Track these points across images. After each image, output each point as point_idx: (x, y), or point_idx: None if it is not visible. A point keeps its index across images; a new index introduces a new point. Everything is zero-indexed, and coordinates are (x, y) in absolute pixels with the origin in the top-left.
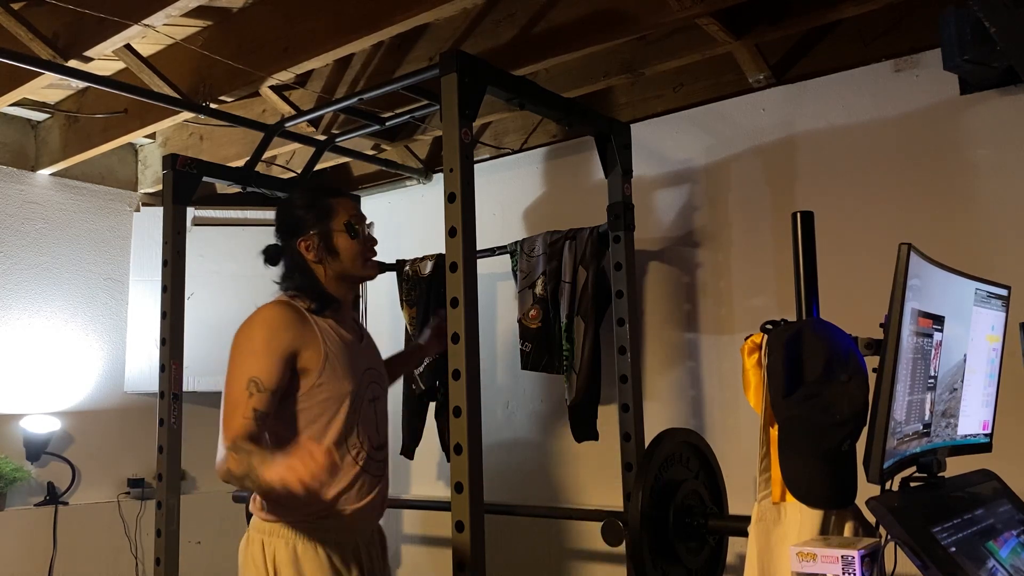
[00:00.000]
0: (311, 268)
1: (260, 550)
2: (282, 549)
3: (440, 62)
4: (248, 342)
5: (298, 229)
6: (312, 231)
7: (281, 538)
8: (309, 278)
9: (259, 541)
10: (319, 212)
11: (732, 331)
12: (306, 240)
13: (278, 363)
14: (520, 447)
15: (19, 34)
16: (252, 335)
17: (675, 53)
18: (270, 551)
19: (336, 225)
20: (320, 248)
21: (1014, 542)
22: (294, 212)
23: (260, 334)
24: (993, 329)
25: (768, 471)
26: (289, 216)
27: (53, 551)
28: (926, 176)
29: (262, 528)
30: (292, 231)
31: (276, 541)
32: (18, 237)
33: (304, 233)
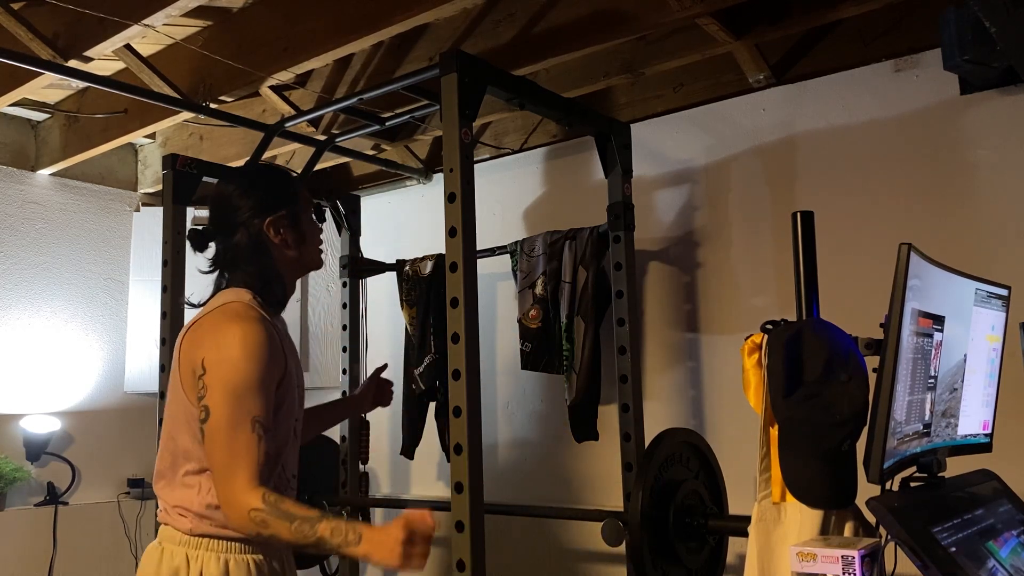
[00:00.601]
0: (274, 254)
1: (184, 563)
2: (212, 563)
3: (440, 62)
4: (239, 373)
5: (266, 208)
6: (283, 211)
7: (212, 551)
8: (271, 267)
9: (182, 554)
10: (289, 192)
11: (732, 331)
12: (276, 221)
13: (271, 397)
14: (520, 447)
15: (19, 34)
16: (243, 365)
17: (675, 53)
18: (196, 565)
19: (303, 206)
20: (289, 230)
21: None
22: (260, 190)
23: (253, 365)
24: (993, 329)
25: (768, 471)
26: (253, 194)
27: (53, 551)
28: (926, 176)
29: (186, 541)
30: (258, 210)
31: (205, 555)
32: (18, 237)
33: (273, 212)
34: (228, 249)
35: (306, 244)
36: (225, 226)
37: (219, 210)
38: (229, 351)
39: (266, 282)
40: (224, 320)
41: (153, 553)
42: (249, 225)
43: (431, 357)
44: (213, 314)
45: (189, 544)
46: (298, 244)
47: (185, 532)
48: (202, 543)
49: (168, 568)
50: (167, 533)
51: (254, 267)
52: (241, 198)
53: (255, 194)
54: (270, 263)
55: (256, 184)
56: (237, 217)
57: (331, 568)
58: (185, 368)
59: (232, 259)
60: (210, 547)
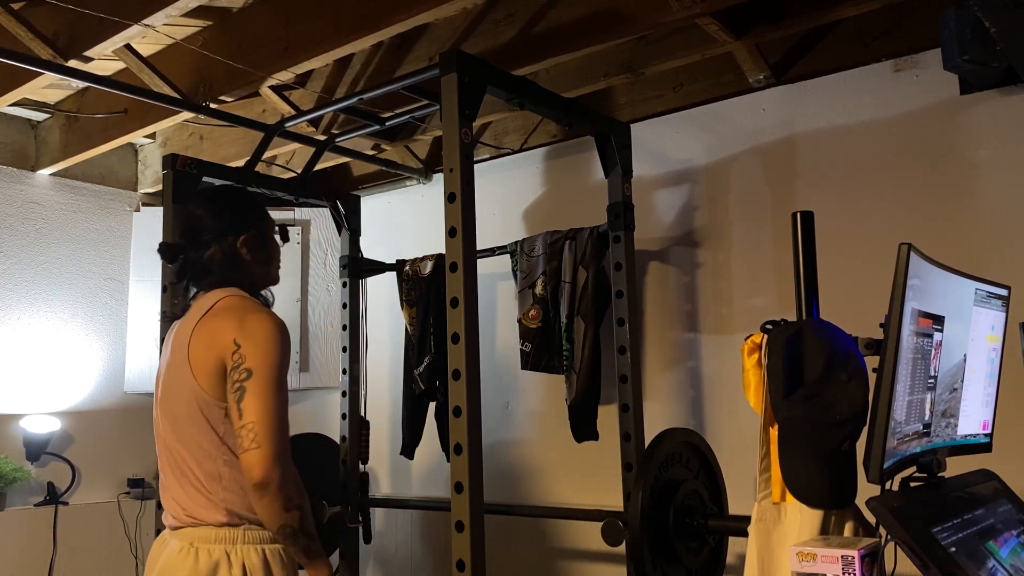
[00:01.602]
0: (246, 269)
1: (224, 557)
2: (252, 555)
3: (440, 62)
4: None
5: (241, 225)
6: (253, 229)
7: (250, 544)
8: (252, 279)
9: (220, 550)
10: (258, 212)
11: (732, 331)
12: (248, 239)
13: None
14: (520, 447)
15: (19, 34)
16: (279, 356)
17: (675, 53)
18: (238, 558)
19: (269, 226)
20: (259, 248)
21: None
22: (234, 208)
23: (283, 355)
24: (993, 329)
25: (768, 471)
26: (228, 212)
27: (53, 551)
28: (926, 176)
29: (221, 536)
30: (233, 227)
31: (244, 548)
32: (18, 237)
33: (247, 230)
34: (198, 262)
35: (272, 262)
36: (199, 242)
37: (194, 227)
38: (264, 328)
39: (253, 294)
40: (245, 308)
41: (186, 558)
42: (223, 242)
43: (431, 357)
44: (224, 304)
45: (225, 539)
46: (266, 262)
47: (219, 526)
48: (237, 535)
49: (206, 565)
50: (198, 533)
51: (242, 278)
52: (215, 217)
53: (229, 213)
54: (253, 277)
55: (229, 204)
56: (210, 234)
57: None
58: (204, 358)
59: (204, 271)
60: (247, 538)
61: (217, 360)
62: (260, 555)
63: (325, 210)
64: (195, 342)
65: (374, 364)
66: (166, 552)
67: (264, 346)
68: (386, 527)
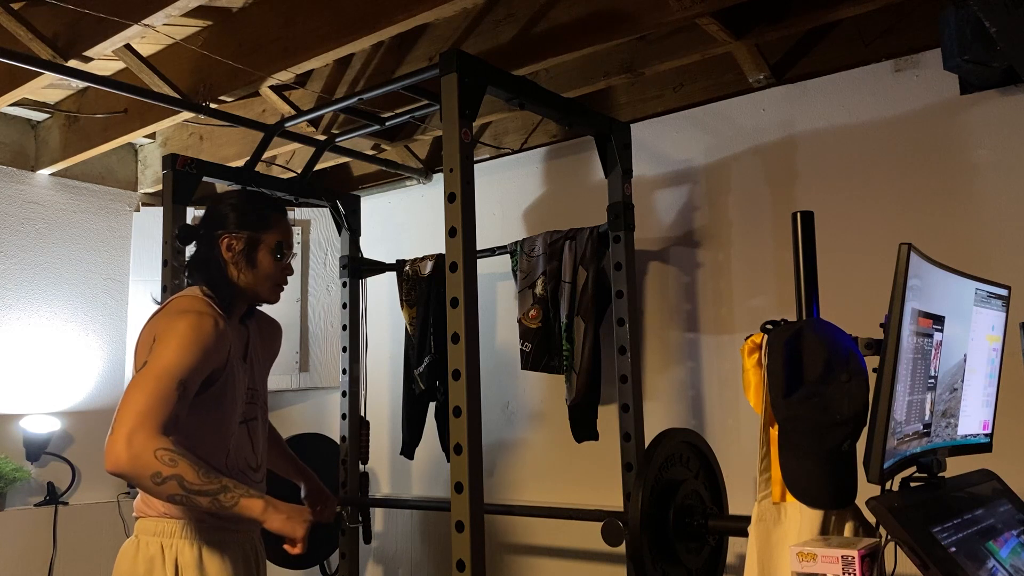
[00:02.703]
0: (223, 266)
1: (159, 552)
2: (186, 550)
3: (440, 62)
4: (179, 339)
5: (225, 223)
6: (237, 232)
7: (185, 539)
8: (222, 275)
9: (156, 544)
10: (255, 218)
11: (732, 331)
12: (229, 238)
13: (202, 371)
14: (520, 447)
15: (19, 34)
16: (185, 334)
17: (675, 53)
18: (171, 553)
19: (267, 239)
20: (240, 253)
21: (1014, 542)
22: (229, 206)
23: (193, 336)
24: (993, 329)
25: (768, 471)
26: (222, 208)
27: (53, 551)
28: (926, 176)
29: (159, 529)
30: (218, 223)
31: (179, 542)
32: (18, 237)
33: (229, 231)
34: (195, 252)
35: (256, 272)
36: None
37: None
38: (175, 329)
39: (219, 289)
40: (174, 311)
41: (128, 548)
42: (207, 234)
43: (431, 357)
44: (164, 308)
45: (162, 532)
46: (248, 268)
47: (155, 517)
48: (174, 529)
49: (144, 558)
50: (142, 525)
51: (211, 274)
52: (213, 208)
53: (223, 208)
54: (224, 274)
55: (231, 199)
56: (203, 224)
57: (331, 568)
58: (137, 358)
59: (192, 261)
60: (182, 534)
61: (145, 354)
62: (196, 552)
63: (325, 210)
64: (137, 342)
65: (374, 364)
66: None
67: (174, 345)
68: (386, 527)
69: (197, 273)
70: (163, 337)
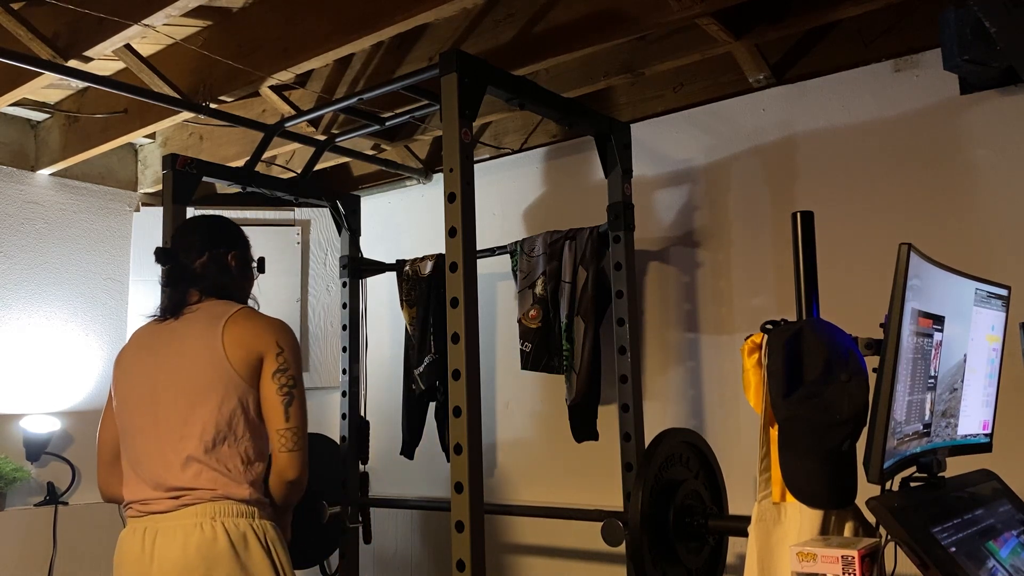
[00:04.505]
0: (237, 280)
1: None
2: (270, 529)
3: (440, 62)
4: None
5: (234, 243)
6: (241, 250)
7: (267, 519)
8: (239, 291)
9: (245, 524)
10: (244, 240)
11: (732, 331)
12: (237, 255)
13: None
14: (520, 447)
15: (19, 34)
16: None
17: (675, 53)
18: (260, 531)
19: (252, 255)
20: (243, 267)
21: (1014, 542)
22: (231, 227)
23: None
24: (993, 329)
25: (768, 471)
26: (225, 229)
27: (53, 551)
28: (926, 176)
29: (243, 511)
30: (228, 241)
31: (263, 523)
32: (18, 237)
33: (235, 248)
34: (190, 267)
35: (249, 283)
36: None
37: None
38: (297, 347)
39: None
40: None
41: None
42: (215, 252)
43: (431, 357)
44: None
45: (246, 514)
46: (246, 280)
47: (244, 501)
48: (255, 511)
49: (237, 536)
50: (222, 507)
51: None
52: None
53: (220, 232)
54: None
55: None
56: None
57: (331, 568)
58: (245, 353)
59: (198, 276)
60: (263, 515)
61: (257, 354)
62: (275, 530)
63: (325, 210)
64: (230, 336)
65: (374, 364)
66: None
67: (298, 358)
68: (386, 527)
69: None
70: (292, 354)
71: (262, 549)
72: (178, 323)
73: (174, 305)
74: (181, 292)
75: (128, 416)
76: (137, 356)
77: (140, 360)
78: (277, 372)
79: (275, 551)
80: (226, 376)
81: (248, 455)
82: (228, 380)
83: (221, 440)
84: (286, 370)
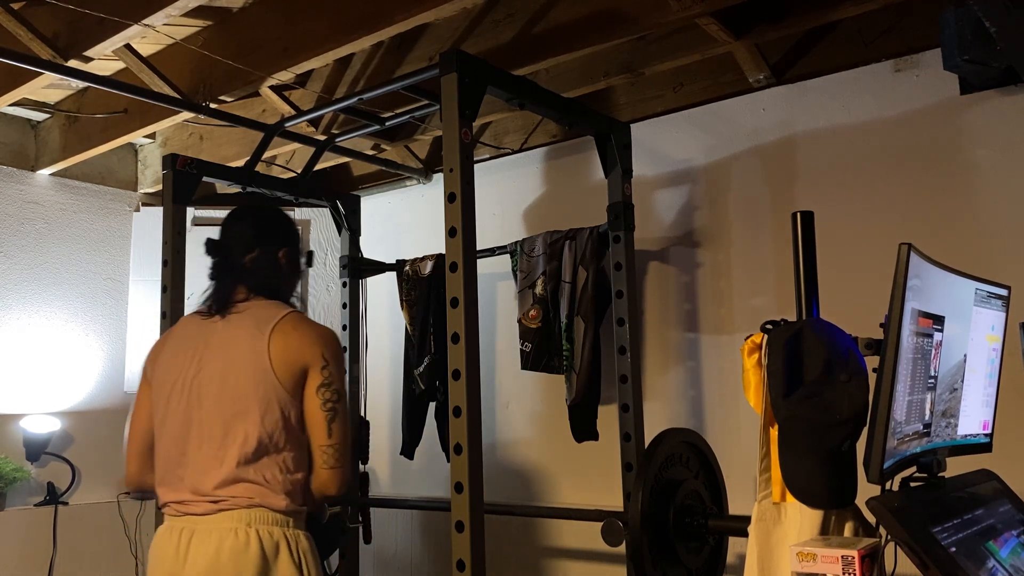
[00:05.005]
0: (287, 278)
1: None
2: (302, 539)
3: (440, 62)
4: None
5: (286, 238)
6: (291, 246)
7: (299, 529)
8: (288, 289)
9: (279, 532)
10: (295, 234)
11: (732, 331)
12: (288, 251)
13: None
14: (520, 447)
15: (19, 34)
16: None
17: (675, 53)
18: (293, 541)
19: (302, 249)
20: (293, 263)
21: (1014, 542)
22: (284, 221)
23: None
24: (993, 329)
25: (768, 471)
26: (279, 223)
27: (53, 551)
28: (926, 176)
29: (278, 520)
30: (280, 237)
31: (296, 532)
32: (18, 237)
33: (287, 245)
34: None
35: (299, 279)
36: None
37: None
38: (338, 349)
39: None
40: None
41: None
42: (267, 249)
43: (431, 357)
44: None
45: (284, 523)
46: (296, 277)
47: (280, 511)
48: (290, 521)
49: (269, 545)
50: (256, 515)
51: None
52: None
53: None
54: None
55: (273, 221)
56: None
57: (331, 568)
58: (290, 361)
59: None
60: (298, 524)
61: (303, 365)
62: (308, 540)
63: (325, 210)
64: (276, 345)
65: (374, 364)
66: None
67: (343, 370)
68: (386, 527)
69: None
70: (336, 367)
71: (292, 561)
72: (224, 323)
73: (221, 302)
74: (228, 288)
75: (165, 414)
76: (179, 351)
77: (182, 356)
78: (321, 387)
79: (305, 563)
80: (271, 387)
81: (288, 465)
82: (272, 391)
83: (262, 451)
84: (331, 384)
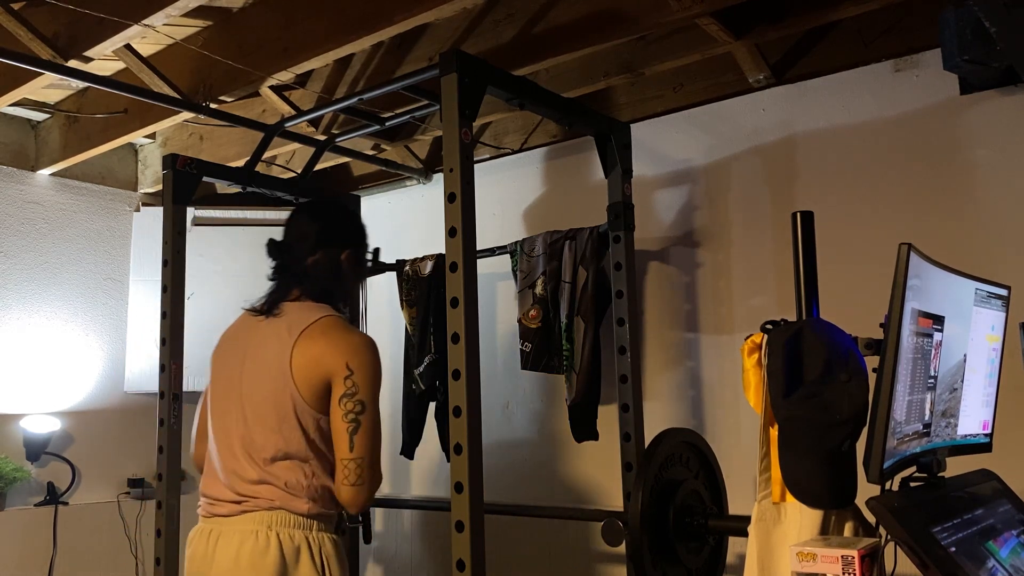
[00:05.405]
0: (346, 282)
1: (304, 543)
2: (327, 543)
3: (440, 62)
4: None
5: (349, 239)
6: (356, 247)
7: (325, 533)
8: (345, 293)
9: (301, 536)
10: (363, 232)
11: (732, 331)
12: (351, 253)
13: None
14: (520, 447)
15: (19, 34)
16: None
17: (675, 53)
18: (316, 545)
19: (368, 249)
20: (357, 266)
21: (1014, 542)
22: (351, 220)
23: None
24: (993, 329)
25: (768, 471)
26: (345, 223)
27: (53, 551)
28: (926, 176)
29: (301, 523)
30: (345, 238)
31: (321, 535)
32: (18, 237)
33: (351, 246)
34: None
35: (361, 281)
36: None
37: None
38: (372, 358)
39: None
40: (350, 331)
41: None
42: (328, 251)
43: (431, 357)
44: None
45: (304, 527)
46: (358, 280)
47: (302, 515)
48: (313, 524)
49: (289, 549)
50: (278, 518)
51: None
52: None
53: (339, 226)
54: (341, 289)
55: (340, 219)
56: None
57: None
58: (311, 372)
59: (305, 275)
60: (322, 527)
61: (324, 376)
62: (332, 544)
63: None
64: (299, 354)
65: None
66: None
67: (373, 379)
68: (386, 527)
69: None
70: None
71: (313, 565)
72: (266, 323)
73: (271, 302)
74: (283, 290)
75: (214, 407)
76: (228, 350)
77: (230, 355)
78: (344, 397)
79: (328, 567)
80: (289, 397)
81: (313, 471)
82: (290, 399)
83: (282, 457)
84: (354, 394)
